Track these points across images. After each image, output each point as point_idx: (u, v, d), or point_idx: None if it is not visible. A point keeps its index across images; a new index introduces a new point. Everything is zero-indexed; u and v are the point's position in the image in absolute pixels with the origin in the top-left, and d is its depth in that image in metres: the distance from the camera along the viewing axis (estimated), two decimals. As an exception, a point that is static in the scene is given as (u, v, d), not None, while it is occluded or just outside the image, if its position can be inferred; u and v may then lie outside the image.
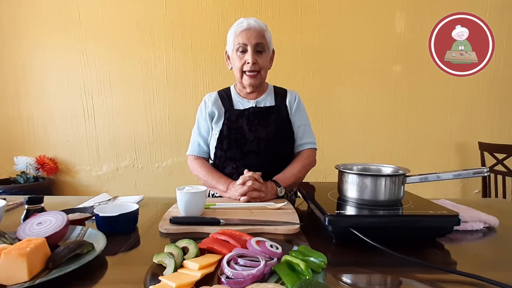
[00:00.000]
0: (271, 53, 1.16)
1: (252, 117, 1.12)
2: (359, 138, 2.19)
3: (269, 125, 1.11)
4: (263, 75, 1.12)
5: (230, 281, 0.46)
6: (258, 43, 1.06)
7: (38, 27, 2.15)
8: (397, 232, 0.66)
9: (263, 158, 1.09)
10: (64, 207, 0.84)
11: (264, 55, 1.09)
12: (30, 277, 0.49)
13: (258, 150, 1.09)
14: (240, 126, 1.11)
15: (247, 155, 1.10)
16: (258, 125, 1.11)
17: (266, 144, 1.09)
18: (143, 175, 2.26)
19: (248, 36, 1.06)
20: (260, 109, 1.14)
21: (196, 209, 0.81)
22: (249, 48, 1.06)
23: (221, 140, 1.12)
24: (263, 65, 1.10)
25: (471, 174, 0.69)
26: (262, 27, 1.08)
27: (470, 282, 0.50)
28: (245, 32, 1.06)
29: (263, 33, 1.08)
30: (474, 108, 2.12)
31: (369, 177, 0.72)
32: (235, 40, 1.08)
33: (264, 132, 1.10)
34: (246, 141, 1.10)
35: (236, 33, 1.08)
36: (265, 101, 1.17)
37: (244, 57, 1.08)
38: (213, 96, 1.19)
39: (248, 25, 1.06)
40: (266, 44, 1.10)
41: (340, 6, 2.08)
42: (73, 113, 2.22)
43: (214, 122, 1.16)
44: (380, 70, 2.12)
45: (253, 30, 1.06)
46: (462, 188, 2.22)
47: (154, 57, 2.15)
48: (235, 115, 1.13)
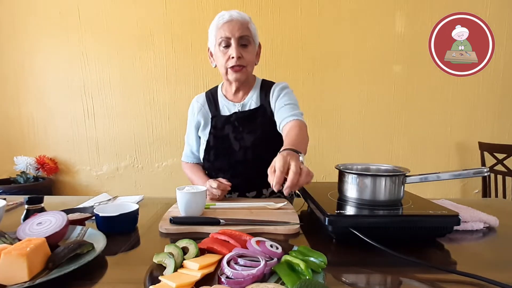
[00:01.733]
0: (258, 47, 1.08)
1: (237, 123, 1.08)
2: (359, 138, 2.19)
3: (255, 130, 1.06)
4: (249, 70, 1.06)
5: (230, 281, 0.46)
6: (243, 36, 0.99)
7: (38, 27, 2.15)
8: (397, 232, 0.66)
9: (251, 167, 1.05)
10: (64, 207, 0.84)
11: (249, 49, 1.02)
12: (30, 277, 0.49)
13: (245, 160, 1.05)
14: (226, 134, 1.08)
15: (235, 165, 1.06)
16: (243, 132, 1.07)
17: (253, 153, 1.05)
18: (143, 175, 2.26)
19: (231, 29, 0.98)
20: (245, 114, 1.08)
21: (196, 209, 0.81)
22: (233, 41, 0.98)
23: (208, 152, 1.10)
24: (249, 59, 1.03)
25: (471, 174, 0.69)
26: (245, 19, 1.01)
27: (470, 282, 0.50)
28: (228, 24, 0.98)
29: (247, 25, 1.00)
30: (474, 108, 2.12)
31: (369, 177, 0.72)
32: (217, 34, 1.00)
33: (250, 139, 1.06)
34: (232, 151, 1.07)
35: (218, 26, 1.00)
36: (251, 101, 1.11)
37: (228, 52, 1.00)
38: (200, 101, 1.15)
39: (231, 17, 0.99)
40: (251, 37, 1.02)
41: (340, 6, 2.07)
42: (73, 113, 2.22)
43: (201, 131, 1.14)
44: (380, 70, 2.12)
45: (236, 22, 0.98)
46: (462, 188, 2.22)
47: (154, 57, 2.15)
48: (221, 122, 1.09)
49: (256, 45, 1.07)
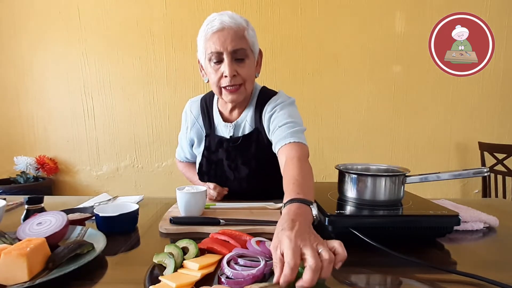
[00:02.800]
0: (257, 56, 0.91)
1: (230, 149, 0.98)
2: (359, 138, 2.19)
3: (249, 161, 0.96)
4: (248, 88, 0.89)
5: (230, 281, 0.46)
6: (237, 49, 0.82)
7: (38, 27, 2.15)
8: (397, 232, 0.66)
9: (249, 195, 0.97)
10: (64, 207, 0.84)
11: (246, 63, 0.85)
12: (30, 277, 0.49)
13: (241, 190, 0.99)
14: (219, 159, 1.00)
15: (231, 194, 0.99)
16: (237, 161, 0.97)
17: (248, 184, 0.98)
18: (143, 175, 2.27)
19: (222, 41, 0.80)
20: (237, 143, 0.96)
21: (196, 209, 0.81)
22: (225, 56, 0.81)
23: (202, 175, 1.03)
24: (247, 76, 0.85)
25: (471, 174, 0.69)
26: (240, 26, 0.83)
27: (470, 282, 0.50)
28: (218, 34, 0.80)
29: (242, 34, 0.83)
30: (474, 108, 2.12)
31: (369, 177, 0.72)
32: (206, 46, 0.83)
33: (245, 171, 0.97)
34: (227, 179, 1.00)
35: (207, 37, 0.82)
36: (245, 122, 0.97)
37: (220, 69, 0.83)
38: (194, 113, 1.04)
39: (222, 24, 0.80)
40: (249, 48, 0.85)
41: (340, 6, 2.08)
42: (73, 113, 2.22)
43: (195, 148, 1.08)
44: (380, 70, 2.12)
45: (228, 31, 0.81)
46: (462, 188, 2.22)
47: (154, 57, 2.15)
48: (214, 143, 1.00)
49: (255, 56, 0.90)
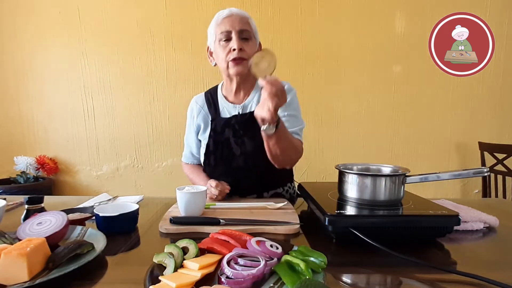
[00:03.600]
0: (258, 45, 1.06)
1: (237, 126, 1.05)
2: (359, 138, 2.19)
3: (256, 135, 0.97)
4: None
5: (230, 281, 0.46)
6: (243, 29, 0.98)
7: (38, 27, 2.15)
8: (397, 232, 0.66)
9: (253, 173, 1.04)
10: (64, 207, 0.84)
11: (250, 43, 1.00)
12: (30, 277, 0.49)
13: (246, 166, 1.03)
14: (226, 138, 1.05)
15: (237, 170, 1.04)
16: (244, 136, 1.04)
17: (254, 160, 1.03)
18: (143, 175, 2.26)
19: (231, 22, 0.97)
20: (245, 117, 1.05)
21: (196, 209, 0.81)
22: (234, 34, 0.97)
23: (208, 156, 1.08)
24: (250, 52, 0.99)
25: (471, 174, 0.69)
26: (245, 15, 1.01)
27: (470, 282, 0.50)
28: (228, 18, 0.98)
29: (247, 20, 1.00)
30: (474, 108, 2.12)
31: (369, 177, 0.72)
32: (216, 29, 0.99)
33: (251, 145, 1.02)
34: (233, 156, 1.04)
35: (218, 22, 0.99)
36: (252, 103, 1.07)
37: (229, 45, 0.98)
38: (199, 102, 1.13)
39: (230, 12, 0.99)
40: (252, 32, 1.01)
41: (340, 6, 2.08)
42: (73, 113, 2.22)
43: (201, 134, 1.12)
44: (380, 70, 2.12)
45: (236, 16, 0.98)
46: (462, 188, 2.22)
47: (154, 57, 2.15)
48: (220, 125, 1.06)
49: (257, 42, 1.05)
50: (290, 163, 1.03)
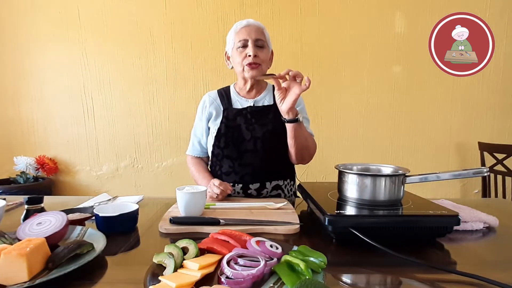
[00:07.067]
0: (270, 53, 1.17)
1: (249, 116, 1.13)
2: (359, 138, 2.19)
3: (267, 124, 1.12)
4: (264, 69, 1.13)
5: (230, 281, 0.46)
6: (258, 38, 1.09)
7: (37, 27, 2.15)
8: (397, 232, 0.66)
9: (260, 157, 1.10)
10: (64, 207, 0.84)
11: (264, 51, 1.11)
12: (30, 277, 0.49)
13: (255, 149, 1.10)
14: (238, 125, 1.13)
15: (244, 153, 1.11)
16: (255, 124, 1.12)
17: (263, 143, 1.10)
18: (143, 175, 2.26)
19: (248, 32, 1.08)
20: (258, 108, 1.15)
21: (196, 209, 0.81)
22: (250, 42, 1.07)
23: (219, 138, 1.13)
24: (264, 59, 1.11)
25: (471, 174, 0.69)
26: (261, 26, 1.12)
27: (470, 282, 0.50)
28: (245, 28, 1.09)
29: (262, 30, 1.11)
30: (474, 108, 2.12)
31: (369, 177, 0.72)
32: (235, 37, 1.10)
33: (261, 131, 1.11)
34: (243, 139, 1.11)
35: (236, 31, 1.10)
36: (263, 100, 1.17)
37: (245, 51, 1.08)
38: (212, 96, 1.20)
39: (248, 22, 1.10)
40: (266, 41, 1.12)
41: (340, 6, 2.08)
42: (73, 113, 2.22)
43: (212, 122, 1.17)
44: (380, 70, 2.12)
45: (253, 26, 1.09)
46: (462, 188, 2.22)
47: (154, 57, 2.15)
48: (233, 113, 1.14)
49: (269, 50, 1.14)
50: (309, 156, 1.13)
